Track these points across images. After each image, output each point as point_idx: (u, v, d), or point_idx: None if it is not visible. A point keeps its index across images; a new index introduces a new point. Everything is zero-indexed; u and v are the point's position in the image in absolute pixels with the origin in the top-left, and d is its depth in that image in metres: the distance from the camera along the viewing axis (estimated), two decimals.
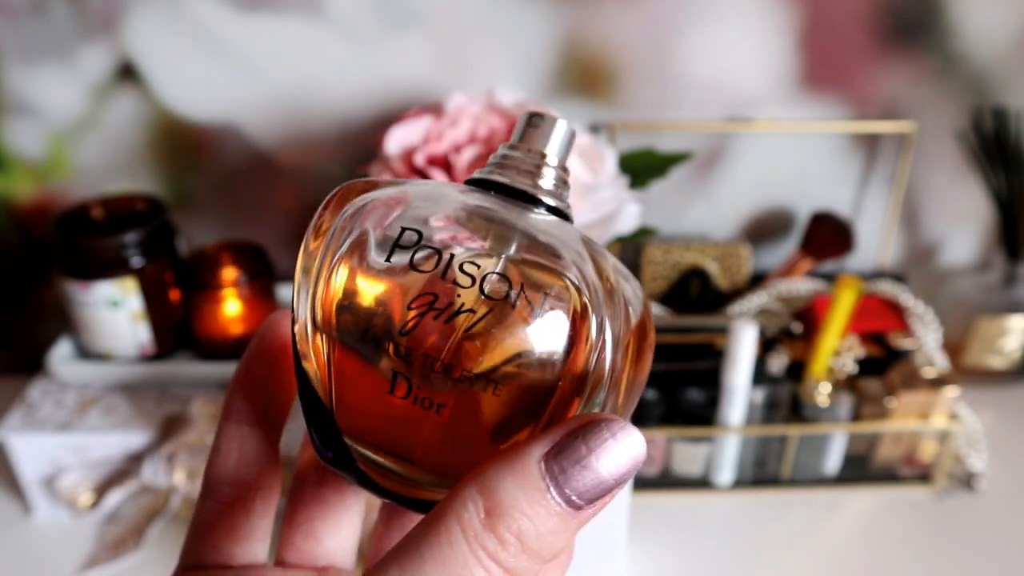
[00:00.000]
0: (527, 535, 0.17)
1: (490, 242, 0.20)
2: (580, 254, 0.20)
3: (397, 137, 0.57)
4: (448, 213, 0.21)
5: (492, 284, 0.19)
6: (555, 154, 0.22)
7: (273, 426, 0.23)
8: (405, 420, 0.19)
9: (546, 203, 0.22)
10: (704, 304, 0.73)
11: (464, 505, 0.17)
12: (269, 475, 0.23)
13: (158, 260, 0.63)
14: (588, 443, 0.17)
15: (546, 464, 0.17)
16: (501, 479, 0.17)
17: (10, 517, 0.64)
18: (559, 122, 0.22)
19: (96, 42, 0.66)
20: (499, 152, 0.23)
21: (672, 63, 0.68)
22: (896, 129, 0.70)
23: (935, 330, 0.67)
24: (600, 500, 0.18)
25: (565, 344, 0.19)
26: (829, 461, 0.66)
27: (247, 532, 0.22)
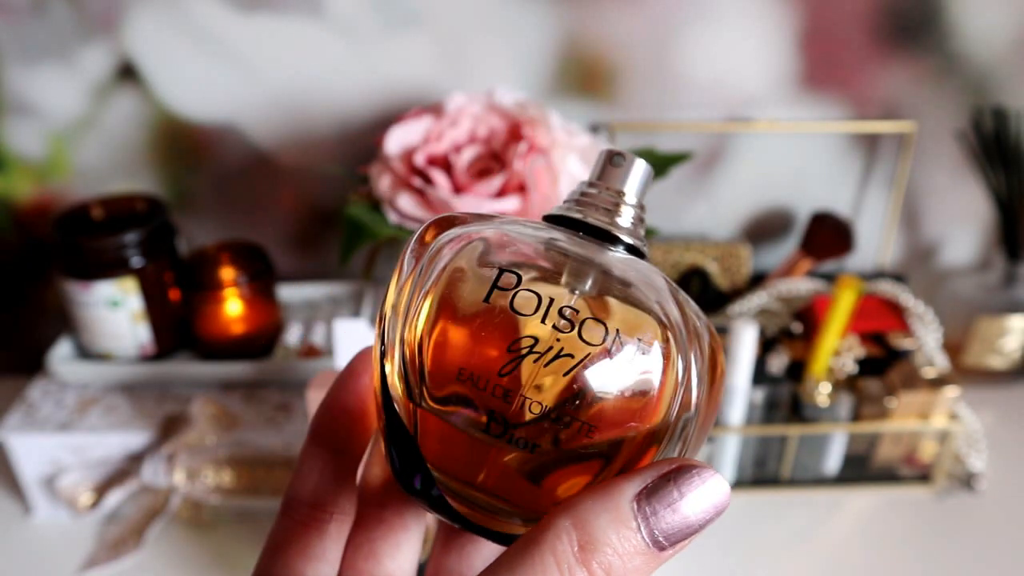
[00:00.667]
0: (615, 570, 0.18)
1: (579, 283, 0.20)
2: (662, 294, 0.21)
3: (397, 137, 0.57)
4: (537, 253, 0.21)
5: (589, 329, 0.20)
6: (633, 193, 0.23)
7: (354, 453, 0.24)
8: (490, 455, 0.20)
9: (625, 241, 0.22)
10: (704, 304, 0.73)
11: (559, 537, 0.18)
12: (346, 500, 0.24)
13: (158, 260, 0.63)
14: (680, 487, 0.18)
15: (638, 504, 0.18)
16: (596, 515, 0.18)
17: (10, 517, 0.64)
18: (638, 162, 0.23)
19: (96, 42, 0.66)
20: (578, 189, 0.23)
21: (672, 63, 0.68)
22: (896, 129, 0.71)
23: (935, 330, 0.67)
24: (682, 543, 0.19)
25: (657, 386, 0.20)
26: (829, 461, 0.66)
27: (319, 552, 0.23)
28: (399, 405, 0.21)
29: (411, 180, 0.54)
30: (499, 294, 0.20)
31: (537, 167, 0.53)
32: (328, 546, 0.23)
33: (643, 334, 0.20)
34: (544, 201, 0.53)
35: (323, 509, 0.23)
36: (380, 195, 0.57)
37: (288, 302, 0.73)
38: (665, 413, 0.20)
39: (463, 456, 0.20)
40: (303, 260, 0.77)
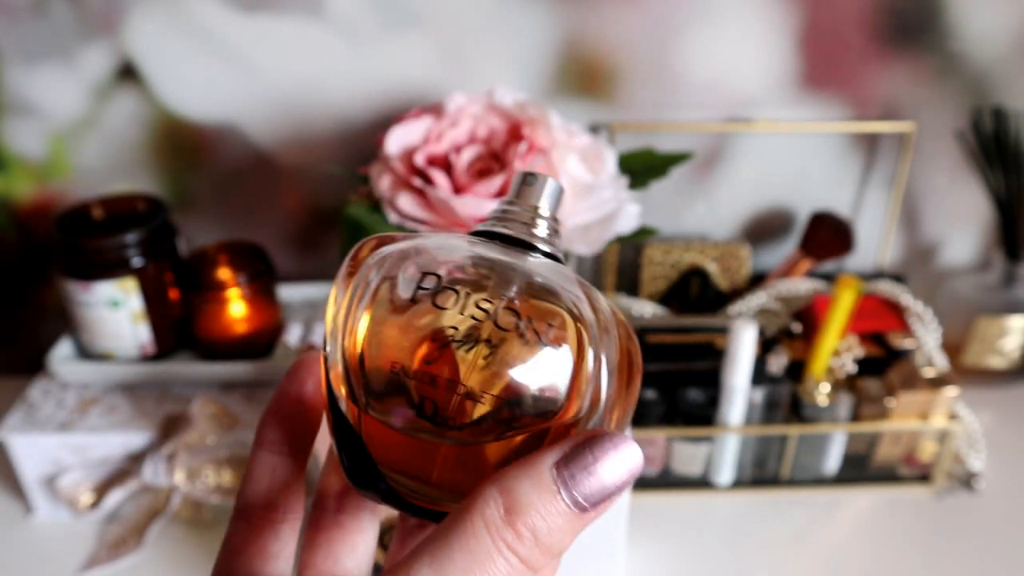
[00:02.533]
0: (540, 531, 0.20)
1: (496, 282, 0.23)
2: (575, 291, 0.23)
3: (397, 137, 0.57)
4: (458, 259, 0.23)
5: (504, 317, 0.22)
6: (547, 207, 0.25)
7: (300, 455, 0.26)
8: (427, 443, 0.22)
9: (542, 249, 0.25)
10: (704, 304, 0.73)
11: (487, 503, 0.20)
12: (296, 500, 0.25)
13: (158, 260, 0.63)
14: (594, 452, 0.20)
15: (557, 470, 0.20)
16: (519, 482, 0.20)
17: (11, 517, 0.64)
18: (550, 180, 0.26)
19: (96, 42, 0.66)
20: (498, 207, 0.26)
21: (672, 63, 0.68)
22: (896, 129, 0.71)
23: (935, 330, 0.68)
24: (603, 504, 0.21)
25: (570, 370, 0.22)
26: (829, 461, 0.66)
27: (275, 552, 0.25)
28: (345, 409, 0.23)
29: (411, 180, 0.55)
30: (423, 293, 0.22)
31: (537, 167, 0.53)
32: (283, 545, 0.25)
33: (553, 321, 0.22)
34: None
35: (276, 510, 0.25)
36: (380, 195, 0.57)
37: (288, 302, 0.73)
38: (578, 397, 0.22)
39: (405, 448, 0.22)
40: (303, 260, 0.77)
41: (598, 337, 0.22)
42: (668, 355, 0.65)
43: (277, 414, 0.25)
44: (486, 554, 0.19)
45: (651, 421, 0.64)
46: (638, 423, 0.63)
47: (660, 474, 0.66)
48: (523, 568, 0.20)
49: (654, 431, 0.63)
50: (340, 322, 0.23)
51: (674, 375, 0.64)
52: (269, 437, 0.25)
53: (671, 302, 0.73)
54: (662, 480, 0.66)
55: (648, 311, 0.71)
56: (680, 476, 0.66)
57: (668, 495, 0.66)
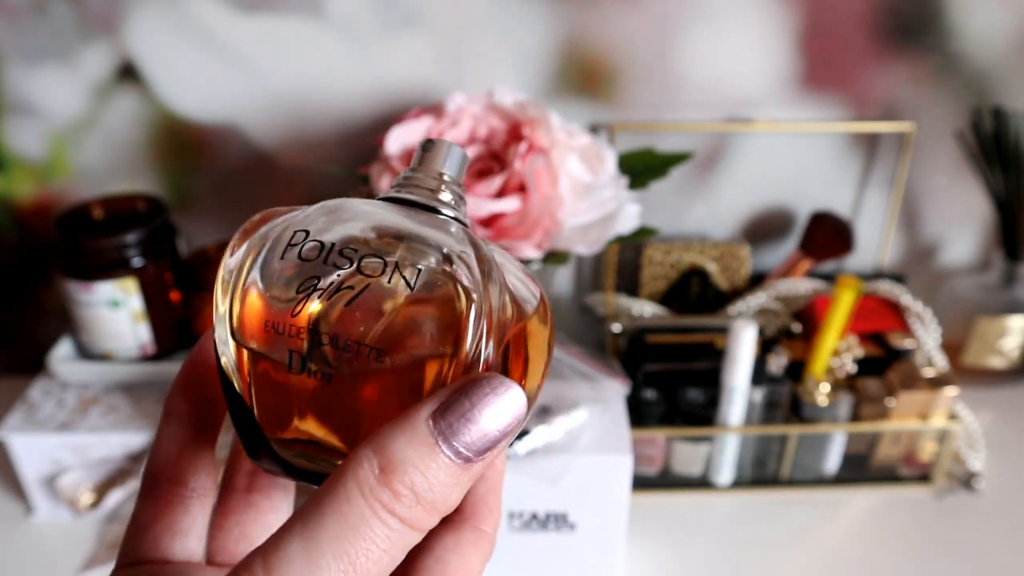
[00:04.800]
0: (420, 487, 0.18)
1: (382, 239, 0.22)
2: (462, 244, 0.22)
3: (397, 137, 0.57)
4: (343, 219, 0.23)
5: (369, 264, 0.21)
6: (451, 173, 0.25)
7: (209, 429, 0.25)
8: (309, 399, 0.21)
9: (446, 213, 0.24)
10: (704, 304, 0.73)
11: (359, 464, 0.18)
12: (205, 474, 0.24)
13: (158, 260, 0.63)
14: (471, 399, 0.19)
15: (433, 421, 0.19)
16: (393, 437, 0.18)
17: (11, 517, 0.64)
18: (453, 146, 0.25)
19: (96, 42, 0.66)
20: (401, 175, 0.25)
21: (672, 63, 0.68)
22: (895, 129, 0.71)
23: (935, 330, 0.68)
24: (488, 452, 0.19)
25: (440, 317, 0.21)
26: (828, 461, 0.66)
27: (185, 528, 0.24)
28: (235, 377, 0.22)
29: None
30: (290, 249, 0.22)
31: (537, 167, 0.53)
32: (193, 521, 0.24)
33: (422, 266, 0.21)
34: (544, 201, 0.53)
35: (185, 485, 0.24)
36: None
37: None
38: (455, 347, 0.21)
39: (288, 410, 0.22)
40: None
41: (481, 289, 0.21)
42: (668, 355, 0.65)
43: (185, 385, 0.25)
44: (360, 518, 0.18)
45: (651, 421, 0.64)
46: (638, 423, 0.63)
47: (660, 474, 0.66)
48: (405, 529, 0.18)
49: (654, 431, 0.63)
50: (223, 297, 0.23)
51: (674, 375, 0.64)
52: (177, 409, 0.24)
53: (671, 302, 0.73)
54: (662, 480, 0.66)
55: (648, 311, 0.71)
56: (680, 476, 0.66)
57: (668, 495, 0.66)
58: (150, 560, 0.23)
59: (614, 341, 0.69)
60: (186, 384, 0.25)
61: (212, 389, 0.24)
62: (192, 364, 0.25)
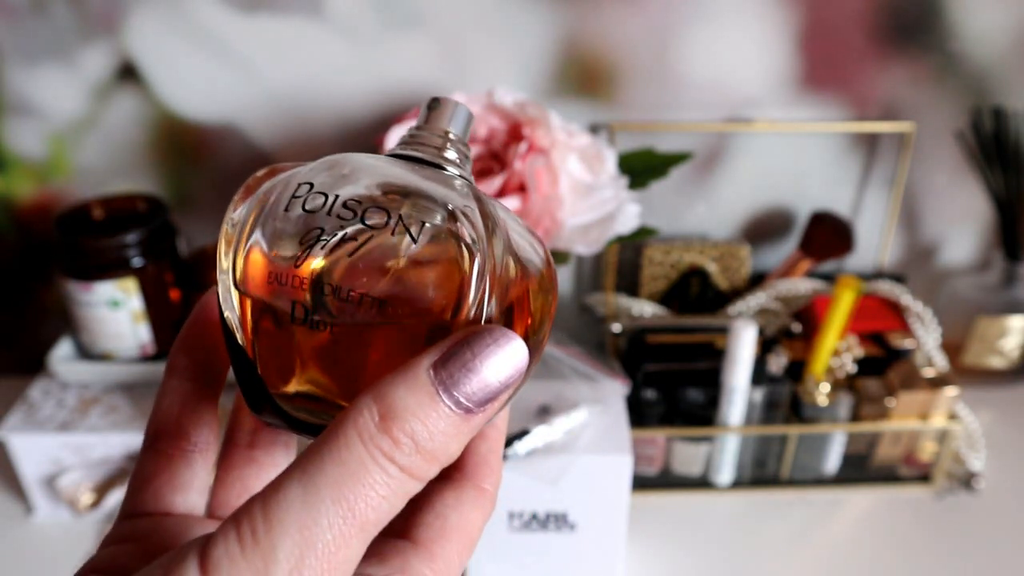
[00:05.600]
0: (420, 436, 0.18)
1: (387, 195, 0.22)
2: (466, 199, 0.22)
3: (397, 137, 0.57)
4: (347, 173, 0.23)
5: (372, 215, 0.21)
6: (456, 131, 0.25)
7: (213, 384, 0.25)
8: (312, 350, 0.21)
9: (450, 171, 0.24)
10: (704, 304, 0.73)
11: (360, 412, 0.18)
12: (208, 429, 0.24)
13: (158, 260, 0.63)
14: (473, 349, 0.19)
15: (435, 370, 0.19)
16: (394, 387, 0.18)
17: (11, 517, 0.64)
18: (459, 105, 0.25)
19: (96, 42, 0.66)
20: (407, 132, 0.25)
21: (672, 63, 0.68)
22: (895, 129, 0.71)
23: (935, 330, 0.68)
24: (489, 404, 0.19)
25: (444, 269, 0.21)
26: (828, 461, 0.66)
27: (187, 482, 0.24)
28: (237, 330, 0.22)
29: None
30: (294, 201, 0.22)
31: (537, 167, 0.53)
32: (196, 475, 0.24)
33: (429, 218, 0.21)
34: (544, 201, 0.53)
35: (187, 439, 0.24)
36: None
37: None
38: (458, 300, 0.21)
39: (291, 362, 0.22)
40: None
41: (484, 244, 0.21)
42: (668, 355, 0.65)
43: (188, 341, 0.24)
44: (359, 464, 0.18)
45: (651, 421, 0.64)
46: (638, 423, 0.63)
47: (660, 474, 0.66)
48: (404, 477, 0.18)
49: (654, 431, 0.63)
50: (226, 251, 0.22)
51: (674, 375, 0.64)
52: (180, 364, 0.24)
53: (671, 302, 0.73)
54: (662, 480, 0.66)
55: (648, 311, 0.71)
56: (680, 476, 0.66)
57: (668, 495, 0.66)
58: (151, 513, 0.23)
59: (614, 341, 0.69)
60: (189, 340, 0.24)
61: (215, 345, 0.24)
62: (195, 320, 0.25)
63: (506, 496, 0.55)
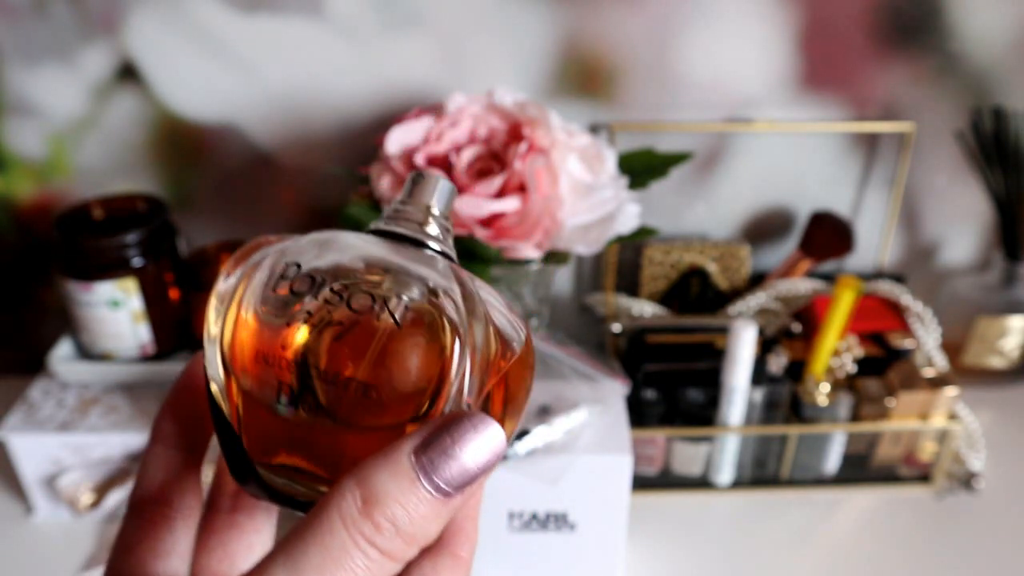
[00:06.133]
0: (401, 521, 0.19)
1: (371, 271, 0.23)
2: (447, 280, 0.23)
3: (397, 137, 0.57)
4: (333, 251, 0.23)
5: (358, 299, 0.22)
6: (438, 206, 0.25)
7: (196, 451, 0.25)
8: (297, 429, 0.22)
9: (432, 247, 0.24)
10: (704, 304, 0.73)
11: (343, 496, 0.19)
12: (191, 496, 0.25)
13: (158, 260, 0.63)
14: (453, 436, 0.20)
15: (416, 456, 0.19)
16: (376, 472, 0.19)
17: (11, 517, 0.64)
18: (441, 179, 0.26)
19: (96, 42, 0.66)
20: (391, 207, 0.26)
21: (672, 63, 0.68)
22: (895, 129, 0.71)
23: (935, 330, 0.68)
24: (467, 487, 0.20)
25: (426, 352, 0.21)
26: (828, 461, 0.66)
27: (169, 548, 0.24)
28: (225, 408, 0.23)
29: None
30: (282, 282, 0.22)
31: (537, 167, 0.53)
32: (178, 541, 0.24)
33: (409, 302, 0.22)
34: (544, 201, 0.53)
35: (170, 506, 0.24)
36: (380, 195, 0.57)
37: None
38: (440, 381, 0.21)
39: (275, 439, 0.22)
40: None
41: (466, 325, 0.22)
42: (668, 355, 0.65)
43: (174, 408, 0.25)
44: (341, 549, 0.18)
45: (651, 421, 0.64)
46: (638, 423, 0.63)
47: (660, 474, 0.66)
48: (384, 560, 0.19)
49: (654, 431, 0.63)
50: (215, 320, 0.23)
51: (674, 375, 0.64)
52: (165, 431, 0.25)
53: (671, 302, 0.73)
54: (662, 480, 0.67)
55: (648, 311, 0.71)
56: (680, 476, 0.66)
57: (668, 495, 0.66)
58: None
59: (614, 341, 0.69)
60: (175, 406, 0.25)
61: (200, 412, 0.25)
62: (182, 387, 0.25)
63: (506, 496, 0.55)
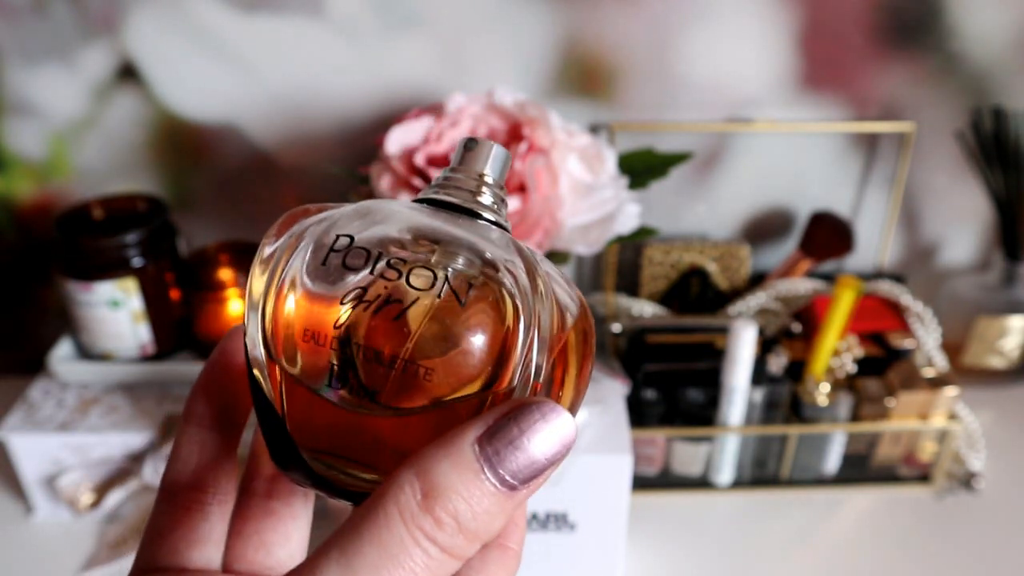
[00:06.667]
0: (463, 516, 0.17)
1: (420, 243, 0.21)
2: (509, 255, 0.21)
3: (397, 137, 0.57)
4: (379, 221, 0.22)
5: (418, 276, 0.20)
6: (492, 174, 0.24)
7: (232, 432, 0.24)
8: (347, 414, 0.20)
9: (486, 217, 0.23)
10: (704, 304, 0.73)
11: (401, 488, 0.17)
12: (227, 480, 0.23)
13: (158, 260, 0.63)
14: (520, 425, 0.18)
15: (480, 446, 0.18)
16: (437, 462, 0.18)
17: (11, 517, 0.64)
18: (495, 146, 0.24)
19: (96, 42, 0.66)
20: (441, 174, 0.24)
21: (672, 63, 0.68)
22: (895, 129, 0.71)
23: (935, 330, 0.68)
24: (534, 480, 0.18)
25: (490, 333, 0.20)
26: (828, 461, 0.66)
27: (204, 535, 0.23)
28: (265, 384, 0.21)
29: (411, 180, 0.55)
30: (334, 255, 0.21)
31: (537, 167, 0.53)
32: (212, 528, 0.23)
33: (474, 281, 0.20)
34: (544, 201, 0.53)
35: (204, 491, 0.23)
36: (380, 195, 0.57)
37: None
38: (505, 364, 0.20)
39: (324, 422, 0.21)
40: None
41: (532, 304, 0.20)
42: (668, 355, 0.65)
43: (207, 387, 0.23)
44: (400, 546, 0.17)
45: (651, 421, 0.64)
46: (638, 423, 0.63)
47: (660, 474, 0.66)
48: (445, 557, 0.17)
49: (654, 431, 0.63)
50: (259, 294, 0.21)
51: (674, 375, 0.64)
52: (198, 412, 0.23)
53: (671, 302, 0.73)
54: (662, 480, 0.66)
55: (648, 311, 0.71)
56: (680, 476, 0.66)
57: (668, 495, 0.66)
58: (166, 568, 0.22)
59: (614, 341, 0.69)
60: (208, 385, 0.23)
61: (235, 391, 0.24)
62: (215, 364, 0.24)
63: None
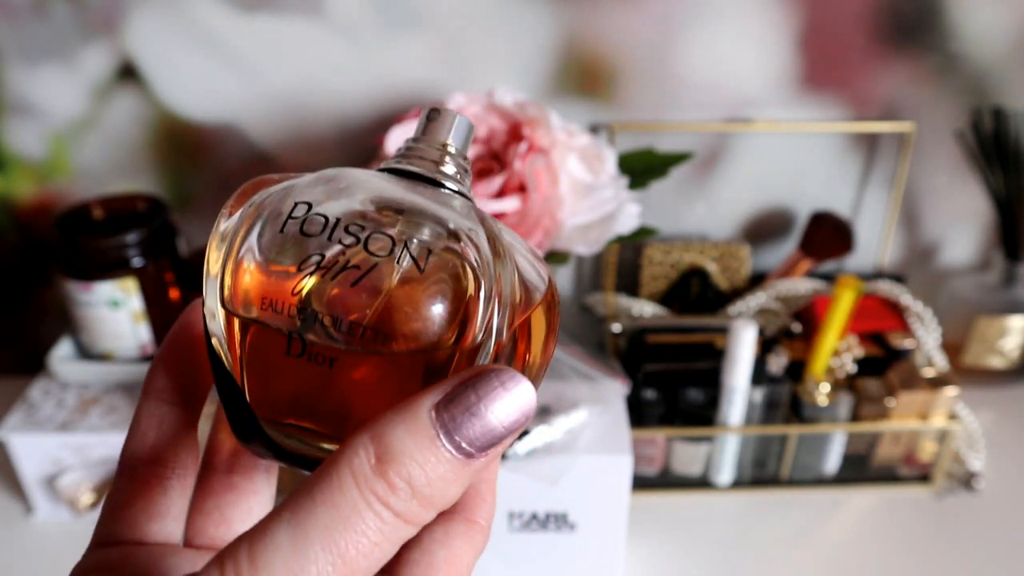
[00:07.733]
0: (417, 481, 0.17)
1: (383, 213, 0.21)
2: (472, 223, 0.21)
3: (397, 137, 0.57)
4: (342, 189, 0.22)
5: (376, 241, 0.20)
6: (455, 144, 0.23)
7: (192, 406, 0.24)
8: (307, 382, 0.20)
9: (448, 187, 0.23)
10: (704, 304, 0.73)
11: (355, 451, 0.17)
12: (186, 454, 0.23)
13: (159, 260, 0.63)
14: (478, 391, 0.18)
15: (436, 412, 0.18)
16: (393, 427, 0.17)
17: (11, 517, 0.64)
18: (458, 116, 0.24)
19: (97, 42, 0.66)
20: (404, 144, 0.24)
21: (672, 63, 0.68)
22: (895, 129, 0.71)
23: (935, 330, 0.68)
24: (491, 448, 0.18)
25: (450, 300, 0.20)
26: (828, 461, 0.66)
27: (163, 510, 0.23)
28: (226, 361, 0.21)
29: None
30: (292, 223, 0.20)
31: (537, 167, 0.53)
32: (172, 502, 0.23)
33: (433, 247, 0.20)
34: (544, 201, 0.53)
35: (164, 465, 0.23)
36: None
37: None
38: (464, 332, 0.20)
39: (287, 393, 0.21)
40: None
41: (493, 272, 0.20)
42: (668, 355, 0.65)
43: (167, 361, 0.23)
44: (352, 508, 0.17)
45: (651, 421, 0.64)
46: (638, 423, 0.63)
47: (660, 474, 0.66)
48: (399, 523, 0.17)
49: (654, 431, 0.63)
50: (217, 264, 0.21)
51: (674, 375, 0.64)
52: (158, 385, 0.23)
53: (671, 302, 0.73)
54: (662, 480, 0.66)
55: (648, 311, 0.71)
56: (680, 476, 0.66)
57: (668, 495, 0.66)
58: (125, 541, 0.22)
59: (614, 341, 0.69)
60: (168, 359, 0.23)
61: (196, 364, 0.23)
62: (174, 337, 0.23)
63: (506, 496, 0.55)
